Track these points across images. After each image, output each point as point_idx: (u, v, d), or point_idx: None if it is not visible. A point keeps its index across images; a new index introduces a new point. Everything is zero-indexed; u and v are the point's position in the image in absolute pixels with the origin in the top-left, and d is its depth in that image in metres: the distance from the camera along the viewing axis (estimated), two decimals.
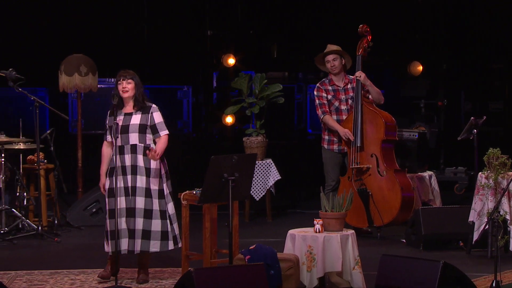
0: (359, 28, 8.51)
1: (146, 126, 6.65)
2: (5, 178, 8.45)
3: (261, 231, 9.00)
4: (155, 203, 6.62)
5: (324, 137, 8.63)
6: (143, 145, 6.63)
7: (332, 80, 8.59)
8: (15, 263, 7.41)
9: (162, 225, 6.63)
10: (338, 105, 8.56)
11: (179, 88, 13.17)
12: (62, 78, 9.69)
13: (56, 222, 8.83)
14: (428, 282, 5.63)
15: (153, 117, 6.68)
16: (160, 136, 6.69)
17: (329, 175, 8.58)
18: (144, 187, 6.59)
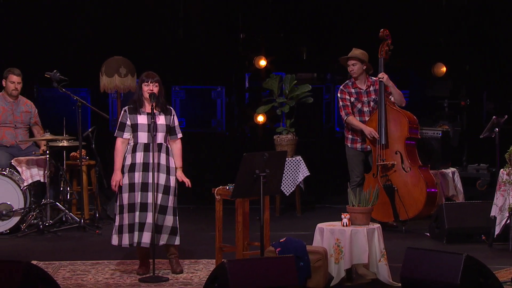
0: (380, 32, 8.50)
1: (169, 127, 6.67)
2: (49, 173, 8.49)
3: (291, 224, 8.98)
4: (170, 200, 6.61)
5: (347, 136, 8.63)
6: (166, 145, 6.65)
7: (355, 83, 8.58)
8: (59, 254, 7.46)
9: (173, 221, 6.62)
10: (361, 107, 8.55)
11: (213, 88, 13.19)
12: (103, 79, 9.73)
13: (97, 215, 8.88)
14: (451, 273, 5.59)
15: (174, 119, 6.71)
16: (177, 139, 6.71)
17: (353, 172, 8.57)
18: (163, 185, 6.59)
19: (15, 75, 8.74)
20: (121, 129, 6.70)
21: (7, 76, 8.76)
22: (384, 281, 6.37)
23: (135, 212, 6.58)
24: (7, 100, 8.80)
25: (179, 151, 6.71)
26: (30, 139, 8.84)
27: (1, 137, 8.76)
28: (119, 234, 6.63)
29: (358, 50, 8.53)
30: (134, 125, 6.65)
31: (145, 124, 6.62)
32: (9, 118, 8.76)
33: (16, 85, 8.75)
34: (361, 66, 8.50)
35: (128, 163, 6.63)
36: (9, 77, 8.74)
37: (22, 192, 8.37)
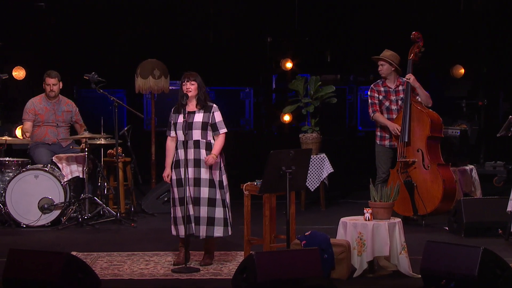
0: (412, 34, 8.47)
1: (207, 124, 6.64)
2: (88, 170, 8.54)
3: (315, 218, 8.97)
4: (217, 193, 6.62)
5: (376, 133, 8.62)
6: (205, 141, 6.63)
7: (385, 82, 8.57)
8: (97, 245, 7.51)
9: (223, 212, 6.63)
10: (389, 105, 8.52)
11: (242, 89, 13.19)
12: (138, 81, 9.78)
13: (132, 209, 8.92)
14: (469, 266, 5.56)
15: (214, 116, 6.66)
16: (219, 134, 6.67)
17: (380, 168, 8.55)
18: (207, 178, 6.59)
19: (51, 78, 8.84)
20: (168, 128, 6.79)
21: (45, 79, 8.86)
22: (405, 273, 6.34)
23: (184, 206, 6.58)
24: (49, 101, 8.88)
25: (219, 142, 6.64)
26: (70, 137, 8.91)
27: (44, 135, 8.84)
28: (175, 226, 6.68)
29: (389, 52, 8.53)
30: (175, 124, 6.69)
31: (181, 122, 6.65)
32: (51, 118, 8.85)
33: (52, 87, 8.83)
34: (389, 67, 8.49)
35: (175, 159, 6.69)
36: (46, 80, 8.84)
37: (62, 187, 8.43)
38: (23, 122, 8.91)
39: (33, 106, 8.84)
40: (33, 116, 8.80)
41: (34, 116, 8.81)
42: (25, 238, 7.94)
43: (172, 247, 7.12)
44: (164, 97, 11.15)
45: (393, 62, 8.47)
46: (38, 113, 8.81)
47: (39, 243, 7.65)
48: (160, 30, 12.18)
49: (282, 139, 12.56)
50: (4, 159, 8.65)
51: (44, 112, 8.82)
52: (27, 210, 8.35)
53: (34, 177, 8.40)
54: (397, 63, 8.50)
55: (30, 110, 8.82)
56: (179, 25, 12.28)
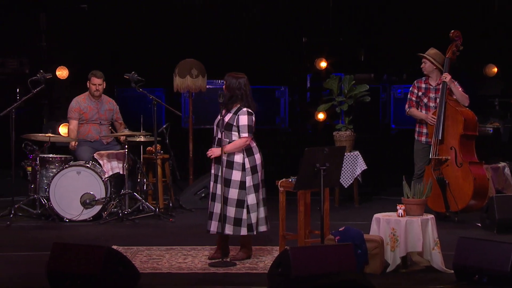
0: (451, 33, 8.40)
1: (232, 125, 6.56)
2: (128, 166, 8.60)
3: (349, 214, 8.93)
4: (232, 192, 6.55)
5: (415, 128, 8.59)
6: (228, 141, 6.57)
7: (427, 79, 8.53)
8: (136, 240, 7.55)
9: (236, 212, 6.55)
10: (427, 102, 8.48)
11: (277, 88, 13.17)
12: (176, 80, 9.82)
13: (171, 204, 8.96)
14: (501, 261, 5.49)
15: (239, 119, 6.56)
16: (241, 137, 6.57)
17: (416, 165, 8.52)
18: (224, 177, 6.56)
19: (97, 78, 8.91)
20: None
21: (90, 78, 8.94)
22: (437, 268, 6.28)
23: (210, 201, 6.64)
24: (92, 100, 8.97)
25: (234, 141, 6.52)
26: (111, 134, 8.98)
27: (87, 132, 8.93)
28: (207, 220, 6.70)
29: (433, 50, 8.49)
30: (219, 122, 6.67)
31: (217, 119, 6.65)
32: (95, 116, 8.94)
33: (98, 87, 8.91)
34: (431, 65, 8.44)
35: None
36: (92, 80, 8.92)
37: (103, 183, 8.49)
38: (69, 121, 8.98)
39: (78, 105, 8.92)
40: (78, 115, 8.89)
41: (79, 114, 8.89)
42: (68, 232, 8.02)
43: (209, 242, 7.14)
44: (202, 95, 11.19)
45: (435, 60, 8.40)
46: (83, 112, 8.91)
47: (81, 237, 7.73)
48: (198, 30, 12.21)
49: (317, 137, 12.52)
50: (48, 155, 8.75)
51: (88, 110, 8.91)
52: (69, 205, 8.44)
53: (76, 173, 8.48)
54: (440, 62, 8.42)
55: (75, 109, 8.90)
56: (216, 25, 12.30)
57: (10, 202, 8.52)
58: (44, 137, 8.72)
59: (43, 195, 8.54)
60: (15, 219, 8.40)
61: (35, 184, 8.61)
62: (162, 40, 12.15)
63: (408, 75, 12.84)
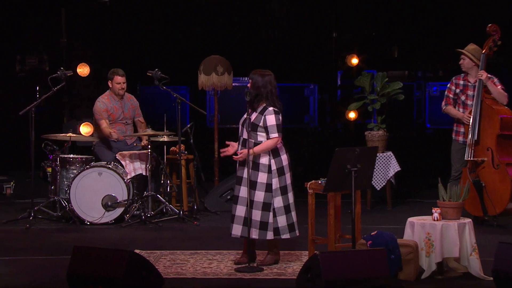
0: (488, 27, 8.33)
1: (257, 126, 6.54)
2: (151, 167, 8.63)
3: (382, 218, 8.90)
4: (258, 195, 6.54)
5: (453, 128, 8.54)
6: (253, 142, 6.56)
7: (466, 76, 8.48)
8: (160, 243, 7.58)
9: (262, 216, 6.54)
10: (465, 100, 8.42)
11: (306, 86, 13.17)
12: (201, 77, 9.85)
13: (195, 207, 8.98)
14: None
15: (266, 119, 6.54)
16: (270, 138, 6.55)
17: (453, 166, 8.48)
18: (250, 179, 6.54)
19: (119, 76, 8.92)
20: None
21: (113, 78, 8.93)
22: (476, 275, 6.23)
23: (234, 204, 6.66)
24: (116, 99, 8.99)
25: (263, 143, 6.51)
26: (134, 134, 9.02)
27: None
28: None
29: (473, 46, 8.42)
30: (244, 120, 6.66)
31: (242, 119, 6.66)
32: (121, 116, 8.98)
33: (122, 85, 8.94)
34: (470, 62, 8.38)
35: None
36: (115, 79, 8.92)
37: (125, 184, 8.54)
38: (99, 122, 8.87)
39: (105, 106, 8.91)
40: (106, 115, 8.89)
41: (107, 115, 8.90)
42: (89, 235, 8.08)
43: (235, 246, 7.15)
44: (227, 93, 11.22)
45: (474, 56, 8.34)
46: (110, 113, 8.92)
47: (103, 240, 7.78)
48: (224, 26, 12.25)
49: (347, 137, 12.50)
50: (68, 156, 8.80)
51: (115, 111, 8.95)
52: (90, 207, 8.50)
53: (97, 174, 8.53)
54: (480, 58, 8.34)
55: (104, 110, 8.87)
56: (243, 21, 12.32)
57: (30, 204, 8.60)
58: (65, 136, 8.79)
59: (64, 197, 8.60)
60: (35, 222, 8.48)
61: (55, 186, 8.68)
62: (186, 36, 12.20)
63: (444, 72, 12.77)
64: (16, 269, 6.65)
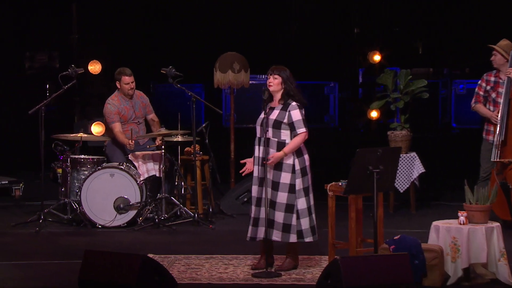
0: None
1: (281, 123, 6.56)
2: (165, 168, 8.65)
3: (405, 222, 8.87)
4: (280, 196, 6.55)
5: (483, 126, 8.51)
6: (276, 140, 6.57)
7: (498, 72, 8.44)
8: (174, 248, 7.59)
9: (285, 217, 6.54)
10: (495, 97, 8.38)
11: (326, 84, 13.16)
12: (216, 75, 9.86)
13: (210, 210, 8.99)
14: None
15: (291, 115, 6.57)
16: (296, 134, 6.57)
17: (481, 167, 8.44)
18: (271, 180, 6.55)
19: (127, 76, 8.91)
20: None
21: (120, 78, 8.91)
22: (504, 282, 6.20)
23: (255, 206, 6.66)
24: (125, 100, 8.99)
25: (294, 141, 6.54)
26: (147, 134, 9.04)
27: (125, 132, 8.94)
28: (249, 226, 6.71)
29: (505, 42, 8.39)
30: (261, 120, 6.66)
31: (260, 118, 6.65)
32: (132, 116, 8.99)
33: (131, 85, 8.93)
34: (502, 58, 8.35)
35: (254, 155, 6.68)
36: (122, 79, 8.90)
37: (138, 186, 8.56)
38: (112, 126, 8.87)
39: (116, 108, 8.91)
40: (118, 118, 8.91)
41: (119, 117, 8.92)
42: (101, 239, 8.11)
43: (252, 250, 7.16)
44: (244, 92, 11.22)
45: (506, 52, 8.30)
46: (122, 114, 8.94)
47: (115, 244, 7.81)
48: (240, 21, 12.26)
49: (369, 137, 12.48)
50: (79, 156, 8.84)
51: (126, 112, 8.96)
52: (102, 210, 8.53)
53: (109, 175, 8.57)
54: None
55: (115, 112, 8.88)
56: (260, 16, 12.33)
57: (39, 206, 8.64)
58: (76, 136, 8.83)
59: (74, 199, 8.65)
60: (45, 225, 8.52)
61: (66, 187, 8.73)
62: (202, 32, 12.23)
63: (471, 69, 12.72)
64: (25, 274, 6.69)
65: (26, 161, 11.68)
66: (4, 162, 11.46)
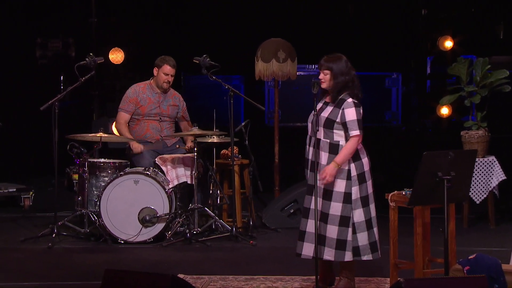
0: None
1: (333, 122, 6.57)
2: (197, 174, 8.70)
3: (482, 238, 8.83)
4: (334, 207, 6.57)
5: None
6: (328, 142, 6.58)
7: None
8: (208, 267, 7.65)
9: (339, 232, 6.56)
10: None
11: (387, 75, 13.14)
12: (258, 65, 9.90)
13: (251, 223, 9.03)
14: None
15: (344, 113, 6.58)
16: (350, 137, 6.57)
17: None
18: (323, 188, 6.56)
19: (170, 66, 8.98)
20: None
21: (161, 66, 8.99)
22: None
23: (303, 218, 6.69)
24: (154, 91, 9.07)
25: (344, 147, 6.56)
26: (175, 133, 9.10)
27: (145, 131, 9.04)
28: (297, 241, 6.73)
29: None
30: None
31: (311, 115, 6.66)
32: (154, 111, 9.04)
33: (169, 78, 9.00)
34: None
35: (305, 157, 6.71)
36: (164, 68, 8.97)
37: (167, 195, 8.63)
38: (119, 112, 9.04)
39: (135, 95, 9.02)
40: (133, 108, 9.00)
41: (135, 107, 9.01)
42: (123, 256, 8.19)
43: (300, 270, 7.18)
44: (291, 84, 11.26)
45: None
46: (140, 105, 9.02)
47: (140, 262, 7.88)
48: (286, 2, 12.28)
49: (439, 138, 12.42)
50: (98, 160, 8.94)
51: (146, 103, 9.03)
52: (125, 222, 8.61)
53: (133, 182, 8.65)
54: None
55: (132, 100, 9.02)
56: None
57: (52, 218, 8.76)
58: (94, 137, 8.91)
59: (93, 210, 8.74)
60: (59, 240, 8.62)
61: (83, 196, 8.82)
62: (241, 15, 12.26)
63: None
64: None
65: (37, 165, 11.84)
66: (12, 166, 11.62)
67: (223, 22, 12.27)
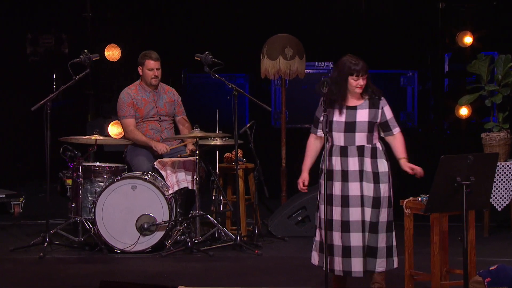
0: None
1: (374, 124, 6.62)
2: (199, 179, 8.70)
3: (504, 248, 8.82)
4: (383, 214, 6.60)
5: None
6: (370, 146, 6.61)
7: None
8: (210, 278, 7.65)
9: (387, 239, 6.61)
10: None
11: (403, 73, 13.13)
12: (264, 62, 9.91)
13: (256, 231, 9.03)
14: None
15: (385, 112, 6.66)
16: (394, 135, 6.67)
17: None
18: (371, 196, 6.57)
19: (152, 60, 9.01)
20: (315, 125, 6.77)
21: (144, 62, 9.03)
22: None
23: (337, 232, 6.60)
24: (146, 90, 9.09)
25: (399, 143, 6.70)
26: (176, 136, 9.11)
27: (145, 133, 9.05)
28: (319, 253, 6.69)
29: None
30: (330, 123, 6.62)
31: (341, 122, 6.60)
32: (152, 111, 9.06)
33: (156, 72, 9.03)
34: None
35: (327, 169, 6.62)
36: (146, 63, 9.02)
37: (166, 201, 8.63)
38: (123, 121, 9.07)
39: (130, 99, 9.04)
40: (133, 111, 9.01)
41: (134, 110, 9.02)
42: (120, 267, 8.20)
43: (310, 283, 7.18)
44: (299, 83, 11.26)
45: None
46: (137, 107, 9.03)
47: (137, 273, 7.89)
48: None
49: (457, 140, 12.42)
50: (93, 164, 8.95)
51: (143, 105, 9.04)
52: (122, 230, 8.62)
53: (131, 188, 8.66)
54: None
55: (128, 104, 9.03)
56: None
57: (44, 226, 8.75)
58: (89, 139, 8.93)
59: (87, 217, 8.75)
60: (51, 249, 8.62)
61: (77, 203, 8.82)
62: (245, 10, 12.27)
63: None
64: None
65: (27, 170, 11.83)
66: (1, 171, 11.63)
67: (226, 16, 12.27)
